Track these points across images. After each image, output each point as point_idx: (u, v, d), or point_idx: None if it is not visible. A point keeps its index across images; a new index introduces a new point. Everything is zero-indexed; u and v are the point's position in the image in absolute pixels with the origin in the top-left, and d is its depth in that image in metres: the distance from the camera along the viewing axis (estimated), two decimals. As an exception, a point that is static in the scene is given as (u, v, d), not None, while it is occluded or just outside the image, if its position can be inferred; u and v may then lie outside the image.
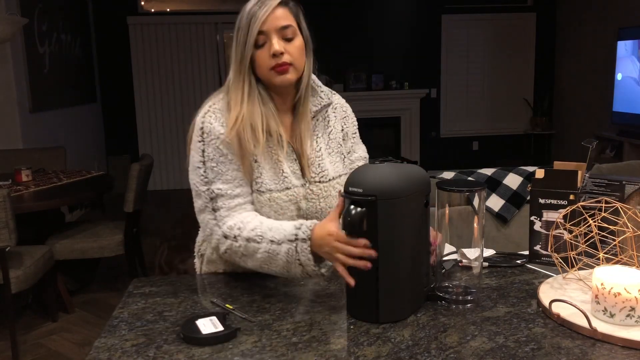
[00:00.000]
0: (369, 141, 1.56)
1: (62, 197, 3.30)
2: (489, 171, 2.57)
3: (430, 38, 7.18)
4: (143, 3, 6.84)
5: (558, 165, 1.47)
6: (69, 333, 3.18)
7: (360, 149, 1.56)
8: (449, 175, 2.56)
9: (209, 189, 1.33)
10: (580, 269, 1.29)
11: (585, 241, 1.28)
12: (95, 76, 6.71)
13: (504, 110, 7.45)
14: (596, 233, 1.24)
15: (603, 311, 1.09)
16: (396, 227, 1.14)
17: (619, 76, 5.79)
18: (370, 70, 7.07)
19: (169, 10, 6.99)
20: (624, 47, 5.68)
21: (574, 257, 1.30)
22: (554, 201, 1.41)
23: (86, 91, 6.31)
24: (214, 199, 1.33)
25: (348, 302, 1.20)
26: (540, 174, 1.43)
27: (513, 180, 2.50)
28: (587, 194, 1.44)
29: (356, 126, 1.55)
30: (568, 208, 1.35)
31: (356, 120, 1.56)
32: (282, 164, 1.37)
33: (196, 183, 1.35)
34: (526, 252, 1.52)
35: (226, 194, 1.32)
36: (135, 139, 6.89)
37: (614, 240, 1.25)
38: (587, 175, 1.45)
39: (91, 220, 3.85)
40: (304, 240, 1.21)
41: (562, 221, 1.34)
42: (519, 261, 1.48)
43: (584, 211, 1.30)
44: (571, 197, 1.39)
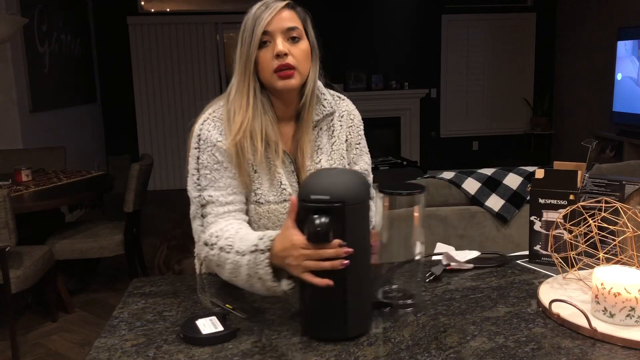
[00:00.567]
0: (369, 141, 1.53)
1: (62, 197, 3.30)
2: (489, 171, 2.57)
3: (430, 38, 7.18)
4: (143, 3, 6.83)
5: (558, 165, 1.47)
6: (69, 333, 3.18)
7: (362, 161, 1.49)
8: (449, 175, 2.56)
9: (200, 195, 1.31)
10: (580, 269, 1.29)
11: (585, 241, 1.28)
12: (95, 76, 6.71)
13: (504, 110, 7.45)
14: (596, 233, 1.24)
15: (603, 311, 1.09)
16: (361, 233, 1.08)
17: (618, 76, 5.79)
18: (370, 70, 7.07)
19: (169, 10, 6.99)
20: (624, 47, 5.68)
21: (574, 257, 1.30)
22: (554, 201, 1.41)
23: (86, 91, 6.31)
24: (204, 205, 1.31)
25: (306, 323, 1.09)
26: (540, 174, 1.43)
27: (513, 180, 2.50)
28: (587, 194, 1.44)
29: (361, 136, 1.49)
30: (568, 208, 1.35)
31: (362, 129, 1.49)
32: (280, 175, 1.35)
33: (190, 190, 1.34)
34: (526, 252, 1.52)
35: (217, 200, 1.30)
36: (135, 139, 6.89)
37: (614, 240, 1.25)
38: (587, 175, 1.45)
39: (91, 220, 3.85)
40: (263, 251, 1.13)
41: (562, 221, 1.34)
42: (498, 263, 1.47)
43: (584, 211, 1.30)
44: (571, 197, 1.39)
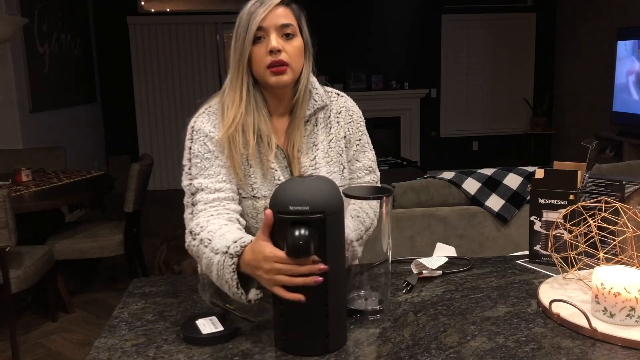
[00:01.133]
0: (369, 141, 1.53)
1: (62, 197, 3.30)
2: (489, 171, 2.57)
3: (430, 38, 7.18)
4: (143, 3, 6.84)
5: (558, 165, 1.47)
6: (69, 333, 3.18)
7: (365, 158, 1.46)
8: (449, 175, 2.56)
9: (191, 183, 1.31)
10: (580, 269, 1.29)
11: (585, 241, 1.28)
12: (95, 76, 6.71)
13: (504, 110, 7.45)
14: (596, 233, 1.24)
15: (603, 311, 1.09)
16: (339, 244, 1.04)
17: (618, 76, 5.79)
18: (370, 70, 7.07)
19: (169, 10, 6.99)
20: (623, 47, 5.68)
21: (574, 257, 1.30)
22: (554, 201, 1.41)
23: (86, 91, 6.31)
24: (194, 193, 1.31)
25: (284, 338, 1.03)
26: (540, 174, 1.43)
27: (513, 180, 2.50)
28: (587, 194, 1.44)
29: (362, 132, 1.46)
30: (568, 208, 1.35)
31: (364, 125, 1.47)
32: (274, 170, 1.35)
33: (182, 180, 1.35)
34: (526, 252, 1.52)
35: (206, 187, 1.29)
36: (135, 139, 6.89)
37: (614, 240, 1.25)
38: (587, 175, 1.45)
39: (91, 220, 3.85)
40: (232, 256, 1.10)
41: (562, 221, 1.34)
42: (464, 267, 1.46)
43: (584, 211, 1.30)
44: (571, 197, 1.39)
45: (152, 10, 6.91)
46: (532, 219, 1.45)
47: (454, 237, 2.46)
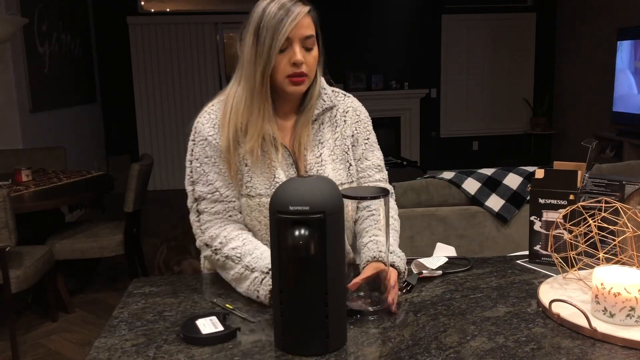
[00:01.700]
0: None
1: (62, 197, 3.30)
2: (489, 171, 2.56)
3: (430, 38, 7.18)
4: (143, 3, 6.84)
5: (558, 165, 1.47)
6: (69, 333, 3.18)
7: (374, 157, 1.47)
8: (449, 175, 2.56)
9: (193, 189, 1.37)
10: (580, 269, 1.29)
11: (585, 241, 1.28)
12: (95, 76, 6.71)
13: (504, 110, 7.45)
14: (596, 233, 1.24)
15: (603, 311, 1.09)
16: (339, 244, 1.04)
17: (618, 76, 5.79)
18: (370, 70, 7.07)
19: (169, 10, 6.99)
20: (624, 47, 5.68)
21: (574, 257, 1.30)
22: (554, 201, 1.41)
23: (86, 91, 6.31)
24: (197, 199, 1.36)
25: (284, 338, 1.04)
26: (540, 174, 1.43)
27: (513, 180, 2.50)
28: (587, 194, 1.44)
29: (370, 131, 1.48)
30: (568, 208, 1.35)
31: (371, 125, 1.49)
32: (275, 169, 1.35)
33: (185, 181, 1.38)
34: (526, 252, 1.52)
35: (206, 197, 1.34)
36: (135, 139, 6.89)
37: (614, 240, 1.25)
38: (587, 175, 1.45)
39: (91, 220, 3.85)
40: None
41: (562, 221, 1.34)
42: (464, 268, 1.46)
43: (584, 211, 1.30)
44: (571, 197, 1.39)
45: (152, 10, 6.91)
46: (532, 219, 1.45)
47: (454, 237, 2.46)
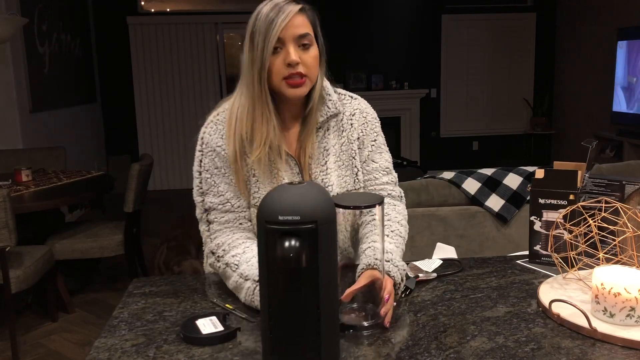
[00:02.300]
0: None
1: (62, 197, 3.30)
2: (489, 171, 2.56)
3: (430, 38, 7.18)
4: (143, 3, 6.83)
5: (558, 165, 1.47)
6: (69, 333, 3.18)
7: (382, 159, 1.43)
8: (449, 175, 2.56)
9: (203, 200, 1.35)
10: (580, 269, 1.29)
11: (585, 241, 1.28)
12: (95, 76, 6.71)
13: (504, 110, 7.45)
14: (596, 233, 1.24)
15: (603, 311, 1.09)
16: (332, 254, 0.97)
17: (618, 76, 5.79)
18: (370, 70, 7.07)
19: (169, 10, 6.99)
20: (624, 47, 5.68)
21: (574, 257, 1.30)
22: (554, 201, 1.41)
23: (86, 91, 6.31)
24: (207, 210, 1.35)
25: (273, 356, 0.97)
26: (540, 174, 1.43)
27: (513, 180, 2.50)
28: (587, 194, 1.44)
29: (377, 133, 1.44)
30: (568, 208, 1.35)
31: (379, 126, 1.45)
32: (282, 179, 1.33)
33: (194, 192, 1.37)
34: (526, 252, 1.52)
35: (217, 208, 1.33)
36: (135, 139, 6.89)
37: (614, 240, 1.25)
38: (587, 175, 1.45)
39: (91, 220, 3.85)
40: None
41: (562, 221, 1.34)
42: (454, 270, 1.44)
43: (584, 211, 1.30)
44: (571, 197, 1.39)
45: (152, 10, 6.91)
46: (532, 219, 1.45)
47: (454, 237, 2.46)
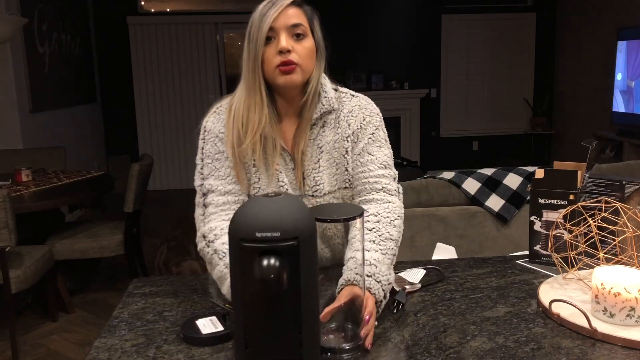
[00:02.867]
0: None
1: (62, 197, 3.30)
2: (489, 171, 2.56)
3: (430, 38, 7.18)
4: (143, 3, 6.83)
5: (558, 165, 1.47)
6: (69, 333, 3.18)
7: (380, 152, 1.37)
8: (449, 175, 2.56)
9: (202, 184, 1.36)
10: (580, 269, 1.29)
11: (585, 241, 1.28)
12: (95, 76, 6.71)
13: (504, 110, 7.45)
14: (596, 233, 1.24)
15: (603, 311, 1.09)
16: (313, 271, 0.90)
17: (618, 76, 5.79)
18: (370, 70, 7.07)
19: (169, 10, 6.99)
20: (624, 47, 5.68)
21: (574, 257, 1.30)
22: (554, 201, 1.41)
23: (86, 91, 6.31)
24: (205, 194, 1.35)
25: None
26: (540, 174, 1.43)
27: (513, 180, 2.50)
28: (587, 194, 1.44)
29: (377, 127, 1.39)
30: (568, 208, 1.35)
31: (380, 121, 1.40)
32: (279, 172, 1.34)
33: (195, 180, 1.38)
34: (526, 252, 1.52)
35: (217, 189, 1.33)
36: (135, 139, 6.89)
37: (614, 240, 1.25)
38: (587, 175, 1.45)
39: (91, 220, 3.84)
40: None
41: (562, 221, 1.34)
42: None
43: (584, 211, 1.30)
44: (571, 197, 1.39)
45: (152, 10, 6.91)
46: (532, 219, 1.45)
47: (454, 237, 2.46)
